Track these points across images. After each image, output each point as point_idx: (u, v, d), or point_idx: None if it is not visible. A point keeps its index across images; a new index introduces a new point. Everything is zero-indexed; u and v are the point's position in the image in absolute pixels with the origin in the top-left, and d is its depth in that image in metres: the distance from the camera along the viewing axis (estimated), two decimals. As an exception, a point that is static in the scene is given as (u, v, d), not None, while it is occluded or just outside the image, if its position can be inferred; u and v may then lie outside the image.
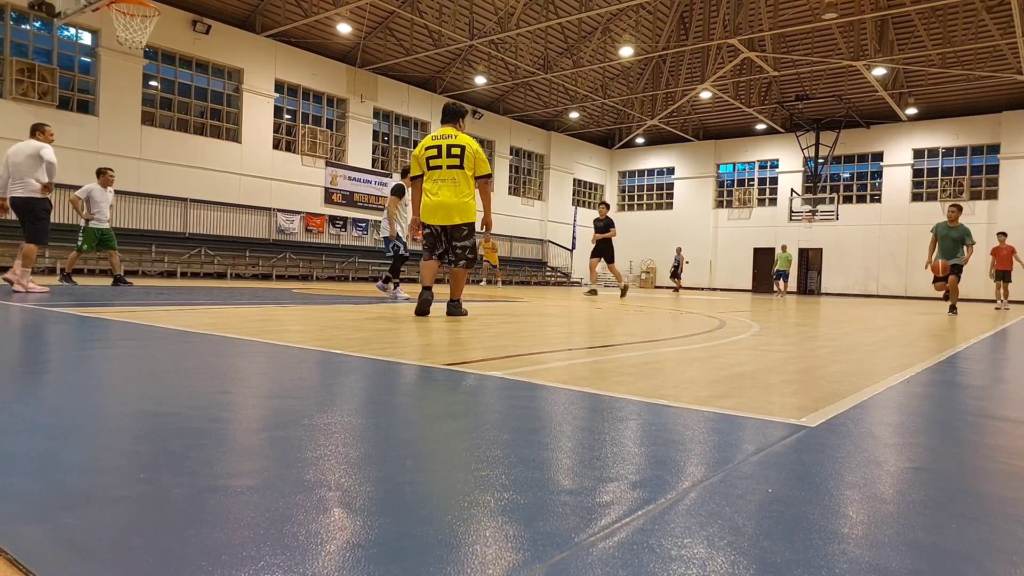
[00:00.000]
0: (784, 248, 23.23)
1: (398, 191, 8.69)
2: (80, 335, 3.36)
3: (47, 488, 1.07)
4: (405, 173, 8.03)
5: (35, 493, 1.05)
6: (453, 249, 5.44)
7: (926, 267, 10.05)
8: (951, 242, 9.68)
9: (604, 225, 13.05)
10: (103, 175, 9.51)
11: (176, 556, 0.83)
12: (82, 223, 9.47)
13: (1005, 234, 14.22)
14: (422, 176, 5.40)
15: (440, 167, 5.30)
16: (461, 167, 5.28)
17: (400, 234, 8.75)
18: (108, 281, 11.11)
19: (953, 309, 9.83)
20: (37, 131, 7.31)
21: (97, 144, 16.34)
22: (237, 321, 4.38)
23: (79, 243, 9.42)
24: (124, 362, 2.54)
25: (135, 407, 1.76)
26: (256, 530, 0.91)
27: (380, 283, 9.12)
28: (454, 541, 0.90)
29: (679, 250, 25.95)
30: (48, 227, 7.34)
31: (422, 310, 5.26)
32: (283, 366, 2.60)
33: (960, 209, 9.83)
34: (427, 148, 5.35)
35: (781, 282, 22.28)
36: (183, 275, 17.13)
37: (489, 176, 5.42)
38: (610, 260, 12.97)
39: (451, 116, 5.52)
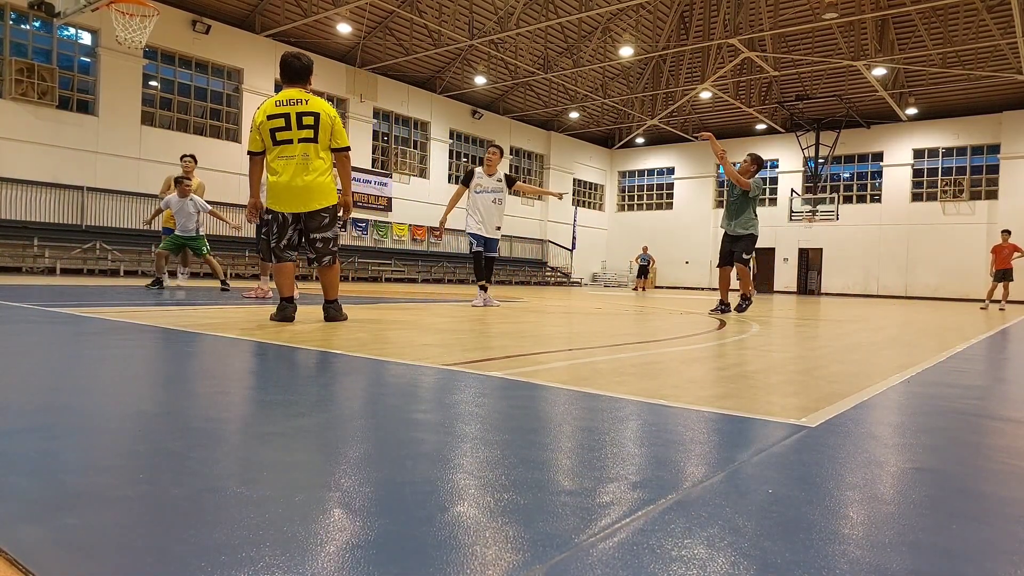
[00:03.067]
0: None
1: (467, 179, 7.63)
2: (80, 335, 3.36)
3: (47, 488, 1.07)
4: (468, 178, 7.48)
5: (35, 493, 1.05)
6: (312, 243, 4.47)
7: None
8: None
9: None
10: (179, 184, 9.08)
11: (176, 556, 0.83)
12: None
13: (1009, 232, 13.85)
14: (263, 153, 4.40)
15: (290, 141, 4.30)
16: (315, 140, 4.31)
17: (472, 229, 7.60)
18: (108, 281, 11.09)
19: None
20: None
21: (97, 144, 16.33)
22: (237, 321, 4.38)
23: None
24: (124, 362, 2.54)
25: (135, 407, 1.76)
26: (256, 530, 0.91)
27: (488, 295, 7.76)
28: (454, 542, 0.90)
29: (645, 248, 25.51)
30: (266, 244, 7.56)
31: (335, 314, 4.47)
32: (282, 366, 2.60)
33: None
34: (270, 117, 4.31)
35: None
36: (183, 275, 17.08)
37: (348, 149, 4.50)
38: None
39: (297, 74, 4.46)
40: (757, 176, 7.45)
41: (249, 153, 4.45)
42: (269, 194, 4.40)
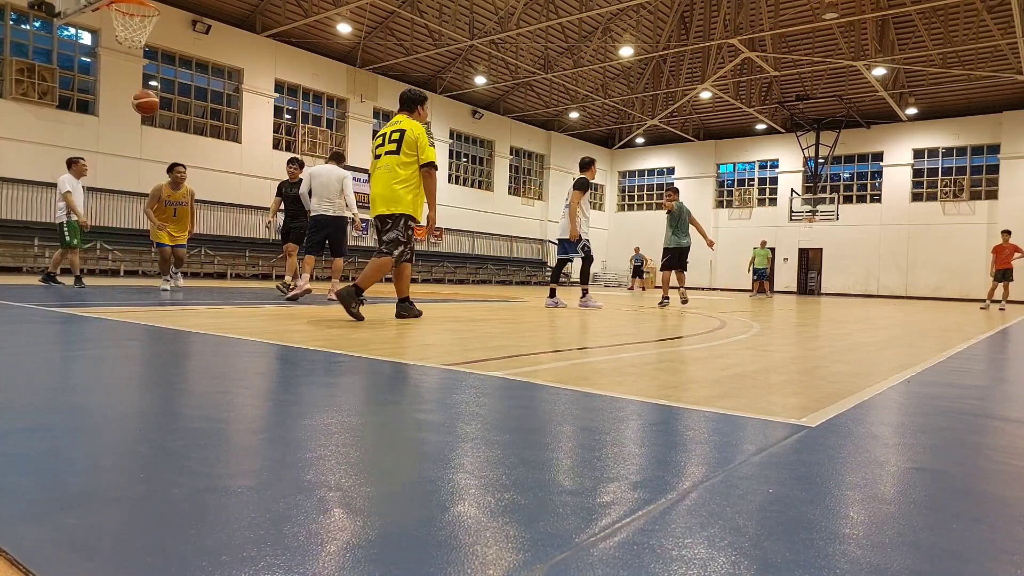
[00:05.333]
0: (763, 244, 20.96)
1: (582, 185, 7.60)
2: (80, 335, 3.36)
3: (47, 488, 1.07)
4: (585, 166, 7.71)
5: (35, 493, 1.05)
6: (381, 243, 4.91)
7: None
8: None
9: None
10: (76, 164, 8.95)
11: (176, 556, 0.83)
12: (68, 218, 8.79)
13: (1009, 232, 13.84)
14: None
15: (380, 155, 4.91)
16: (398, 152, 4.78)
17: (582, 235, 7.57)
18: (111, 282, 11.10)
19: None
20: (336, 160, 7.82)
21: (97, 144, 16.33)
22: (237, 321, 4.38)
23: (70, 239, 8.79)
24: (124, 362, 2.54)
25: (135, 407, 1.76)
26: (256, 530, 0.91)
27: (549, 298, 7.82)
28: (455, 541, 0.90)
29: (637, 249, 25.20)
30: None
31: (345, 295, 4.63)
32: (283, 366, 2.60)
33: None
34: (376, 138, 5.03)
35: (763, 282, 19.94)
36: (183, 275, 17.10)
37: (432, 165, 4.84)
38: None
39: (404, 103, 5.07)
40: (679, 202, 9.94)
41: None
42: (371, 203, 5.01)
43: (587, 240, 7.63)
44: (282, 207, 8.44)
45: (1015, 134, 23.99)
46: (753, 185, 30.13)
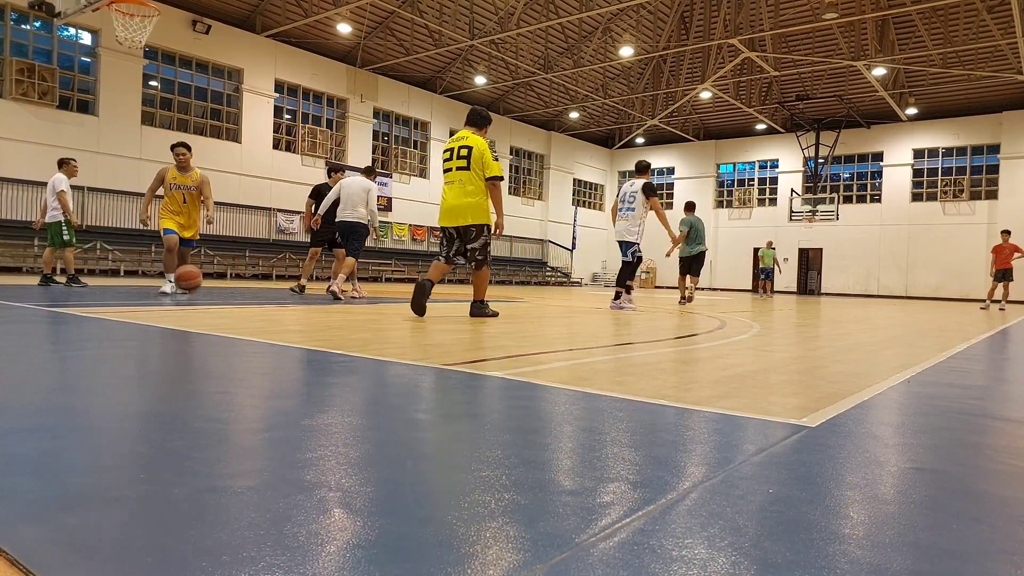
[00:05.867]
0: (770, 244, 21.20)
1: (651, 189, 7.93)
2: (80, 335, 3.36)
3: (47, 488, 1.07)
4: (645, 169, 8.31)
5: (35, 493, 1.05)
6: (466, 252, 5.49)
7: None
8: None
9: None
10: (68, 165, 8.99)
11: (176, 556, 0.83)
12: (64, 218, 8.84)
13: (1009, 232, 13.85)
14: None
15: (451, 169, 5.41)
16: (468, 168, 5.30)
17: (637, 240, 7.95)
18: (108, 281, 11.10)
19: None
20: (367, 172, 8.64)
21: (97, 144, 16.33)
22: (237, 321, 4.38)
23: (68, 238, 8.81)
24: (124, 362, 2.54)
25: (135, 407, 1.76)
26: (257, 530, 0.91)
27: (620, 301, 7.95)
28: (455, 542, 0.90)
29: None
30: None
31: (419, 291, 5.11)
32: (283, 366, 2.60)
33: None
34: (444, 151, 5.54)
35: (767, 282, 20.27)
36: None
37: (499, 179, 5.37)
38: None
39: (471, 120, 5.66)
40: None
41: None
42: (440, 214, 5.52)
43: (639, 245, 8.04)
44: (314, 210, 8.77)
45: (1015, 134, 23.99)
46: (753, 185, 30.13)
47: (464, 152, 5.32)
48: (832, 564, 0.88)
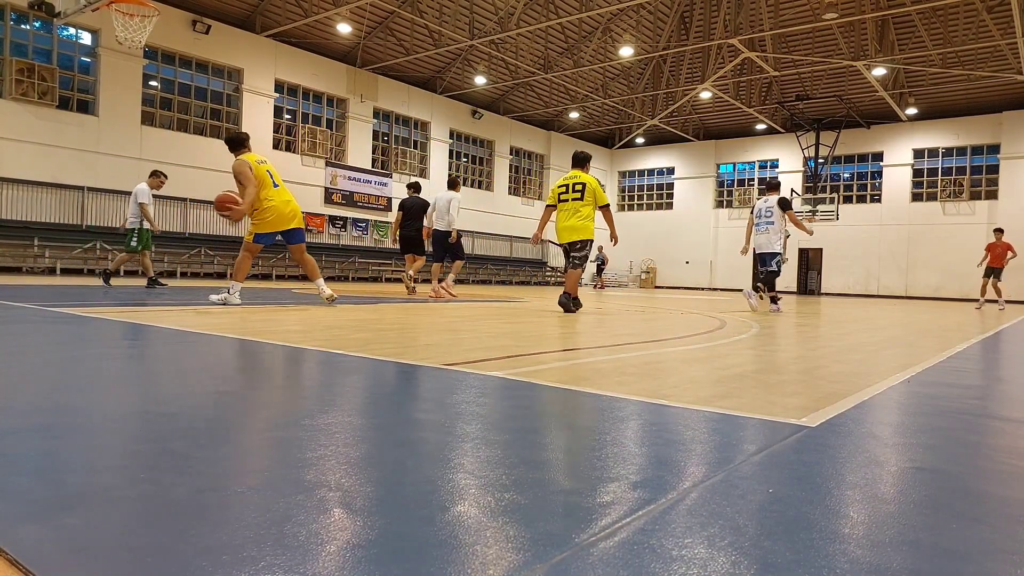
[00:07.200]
0: None
1: (787, 204, 9.02)
2: (80, 335, 3.36)
3: (47, 488, 1.07)
4: (778, 186, 9.50)
5: (35, 493, 1.05)
6: (572, 258, 7.04)
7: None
8: None
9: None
10: (156, 178, 9.57)
11: (177, 556, 0.83)
12: (136, 226, 9.32)
13: (1002, 231, 13.87)
14: (555, 206, 7.12)
15: (567, 200, 6.98)
16: (582, 199, 6.90)
17: (781, 250, 8.94)
18: (117, 282, 11.07)
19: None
20: (451, 185, 9.97)
21: (97, 144, 16.33)
22: (237, 321, 4.38)
23: (136, 244, 9.34)
24: (125, 362, 2.54)
25: (136, 407, 1.76)
26: (257, 530, 0.91)
27: (772, 304, 9.03)
28: (455, 541, 0.90)
29: (600, 248, 25.20)
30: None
31: (565, 306, 6.79)
32: (284, 366, 2.60)
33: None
34: (559, 186, 7.08)
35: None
36: (183, 275, 17.12)
37: (608, 206, 7.12)
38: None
39: (578, 162, 7.21)
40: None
41: (547, 206, 7.37)
42: (558, 233, 7.10)
43: (782, 254, 9.05)
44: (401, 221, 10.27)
45: (1015, 134, 23.99)
46: (753, 185, 30.11)
47: (579, 187, 6.91)
48: (832, 564, 0.88)
